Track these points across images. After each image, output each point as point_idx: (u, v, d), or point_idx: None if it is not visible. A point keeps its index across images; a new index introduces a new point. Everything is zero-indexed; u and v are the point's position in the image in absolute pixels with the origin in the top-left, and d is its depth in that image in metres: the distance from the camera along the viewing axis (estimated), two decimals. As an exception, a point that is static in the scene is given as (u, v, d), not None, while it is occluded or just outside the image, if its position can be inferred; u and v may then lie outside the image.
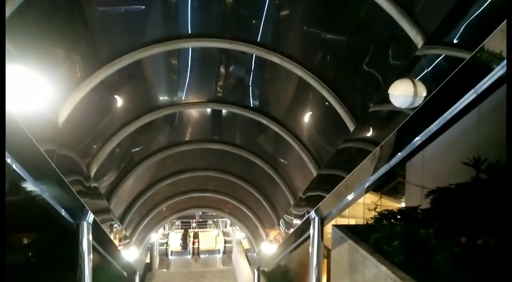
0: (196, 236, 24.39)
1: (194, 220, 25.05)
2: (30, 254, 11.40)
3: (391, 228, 7.30)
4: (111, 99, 5.29)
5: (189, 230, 26.32)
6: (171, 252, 24.02)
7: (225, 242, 23.59)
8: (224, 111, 7.13)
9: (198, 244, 23.55)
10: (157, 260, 21.17)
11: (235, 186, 10.45)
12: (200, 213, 23.57)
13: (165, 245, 22.96)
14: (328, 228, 9.56)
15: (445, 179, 8.58)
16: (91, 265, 6.14)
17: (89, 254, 6.08)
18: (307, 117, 6.02)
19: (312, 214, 6.95)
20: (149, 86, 5.85)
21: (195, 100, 6.40)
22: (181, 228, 29.58)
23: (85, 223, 6.00)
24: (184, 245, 24.71)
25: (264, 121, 6.53)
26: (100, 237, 7.28)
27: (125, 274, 11.41)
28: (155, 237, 19.70)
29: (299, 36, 4.83)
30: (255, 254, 14.41)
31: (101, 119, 5.35)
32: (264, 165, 8.16)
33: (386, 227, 7.50)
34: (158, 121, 6.85)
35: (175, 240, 25.86)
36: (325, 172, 6.23)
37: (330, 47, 4.61)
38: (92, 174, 5.54)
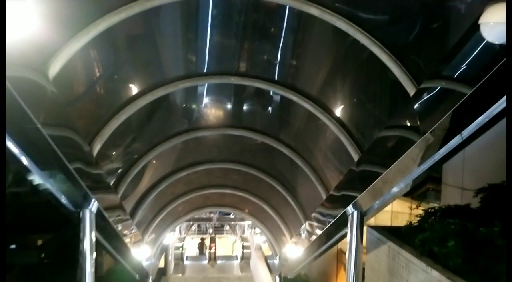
0: (213, 240, 23.66)
1: (210, 223, 24.34)
2: (23, 246, 10.61)
3: (443, 227, 6.38)
4: (116, 61, 4.59)
5: (205, 239, 25.73)
6: (187, 256, 23.40)
7: (243, 247, 22.74)
8: (247, 88, 6.36)
9: (215, 249, 22.81)
10: (172, 265, 20.52)
11: (257, 181, 9.66)
12: (217, 214, 22.84)
13: (180, 249, 22.34)
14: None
15: (489, 178, 7.81)
16: (93, 260, 5.44)
17: (91, 248, 5.39)
18: (348, 88, 5.18)
19: (350, 208, 6.07)
20: (163, 52, 5.14)
21: (215, 72, 5.65)
22: (197, 233, 29.03)
23: (87, 212, 5.32)
24: (201, 253, 24.15)
25: (294, 98, 5.73)
26: (107, 231, 6.59)
27: (137, 277, 10.72)
28: (170, 239, 19.07)
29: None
30: (276, 260, 13.54)
31: (104, 84, 4.65)
32: (291, 153, 7.34)
33: (436, 225, 6.58)
34: (173, 97, 6.15)
35: (190, 248, 25.26)
36: (367, 158, 5.37)
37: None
38: (95, 153, 4.85)
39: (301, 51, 5.27)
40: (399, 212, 19.44)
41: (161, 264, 17.55)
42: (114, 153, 5.76)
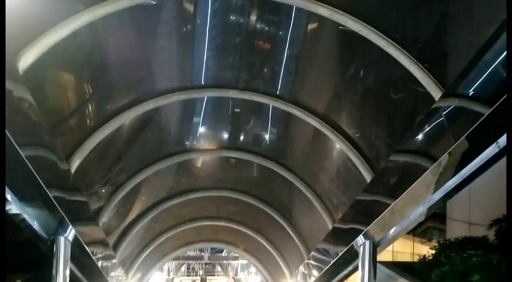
0: (203, 281, 22.54)
1: (201, 263, 23.25)
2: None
3: (464, 260, 5.85)
4: (102, 64, 4.19)
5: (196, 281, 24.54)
6: (175, 299, 22.15)
7: (237, 289, 21.63)
8: (245, 104, 5.98)
9: (206, 290, 21.66)
10: (158, 308, 19.33)
11: (253, 211, 9.10)
12: (209, 253, 21.82)
13: (168, 291, 21.17)
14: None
15: (498, 211, 7.53)
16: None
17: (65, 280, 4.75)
18: (359, 100, 4.80)
19: (360, 238, 5.55)
20: (156, 60, 4.78)
21: (212, 85, 5.29)
22: (187, 275, 27.89)
23: (62, 239, 4.73)
24: None
25: (298, 113, 5.36)
26: (85, 265, 5.94)
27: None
28: (158, 280, 18.02)
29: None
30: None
31: (86, 89, 4.22)
32: (293, 178, 6.86)
33: (455, 258, 6.04)
34: (164, 114, 5.73)
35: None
36: (381, 180, 4.93)
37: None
38: (73, 170, 4.35)
39: (305, 61, 4.95)
40: (399, 251, 18.83)
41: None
42: (95, 172, 5.25)
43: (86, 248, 5.47)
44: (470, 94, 3.29)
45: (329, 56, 4.69)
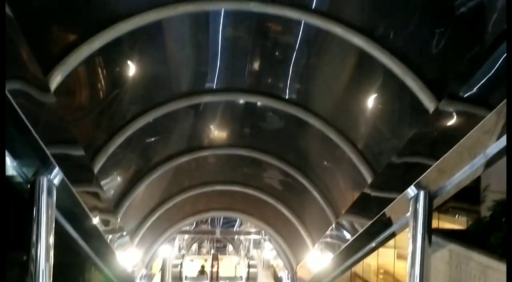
0: (215, 257, 22.17)
1: (213, 237, 22.78)
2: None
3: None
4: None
5: (207, 261, 24.23)
6: (186, 276, 21.88)
7: (249, 266, 21.09)
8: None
9: (218, 268, 21.27)
10: (169, 284, 18.96)
11: (271, 172, 8.32)
12: (221, 227, 21.23)
13: (179, 266, 20.81)
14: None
15: None
16: (51, 252, 3.96)
17: (48, 233, 3.92)
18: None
19: (412, 190, 4.57)
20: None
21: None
22: (198, 254, 27.95)
23: (44, 180, 3.87)
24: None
25: (339, 30, 4.34)
26: (75, 217, 5.09)
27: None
28: (167, 252, 17.48)
29: None
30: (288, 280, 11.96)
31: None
32: (323, 125, 5.88)
33: (524, 218, 5.09)
34: (169, 36, 4.75)
35: (189, 271, 23.75)
36: (443, 114, 3.94)
37: None
38: (53, 88, 3.44)
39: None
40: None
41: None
42: (86, 101, 4.34)
43: (77, 196, 4.61)
44: None
45: None
